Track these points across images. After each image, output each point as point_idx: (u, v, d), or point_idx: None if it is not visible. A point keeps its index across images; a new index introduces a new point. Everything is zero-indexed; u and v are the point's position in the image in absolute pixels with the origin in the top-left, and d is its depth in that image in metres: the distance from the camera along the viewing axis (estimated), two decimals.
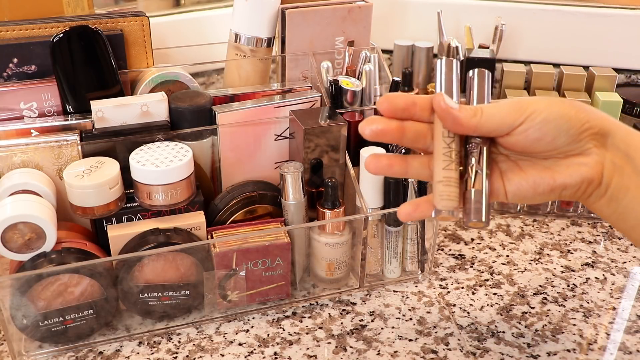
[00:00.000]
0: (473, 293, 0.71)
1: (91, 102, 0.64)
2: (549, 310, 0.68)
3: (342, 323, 0.66)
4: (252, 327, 0.66)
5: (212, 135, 0.68)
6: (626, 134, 0.49)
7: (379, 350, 0.63)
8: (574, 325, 0.66)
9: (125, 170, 0.62)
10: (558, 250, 0.79)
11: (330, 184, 0.66)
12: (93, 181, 0.59)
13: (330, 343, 0.64)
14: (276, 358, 0.62)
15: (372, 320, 0.67)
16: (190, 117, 0.66)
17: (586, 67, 0.87)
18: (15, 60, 0.65)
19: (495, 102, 0.49)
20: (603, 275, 0.74)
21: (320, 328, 0.66)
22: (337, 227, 0.68)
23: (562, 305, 0.69)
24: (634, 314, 0.68)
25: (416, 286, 0.72)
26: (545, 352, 0.63)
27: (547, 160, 0.50)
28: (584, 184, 0.49)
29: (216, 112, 0.67)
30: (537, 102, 0.48)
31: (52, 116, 0.66)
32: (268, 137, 0.71)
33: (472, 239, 0.81)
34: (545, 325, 0.66)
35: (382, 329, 0.65)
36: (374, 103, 0.74)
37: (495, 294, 0.71)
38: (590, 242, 0.81)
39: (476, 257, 0.77)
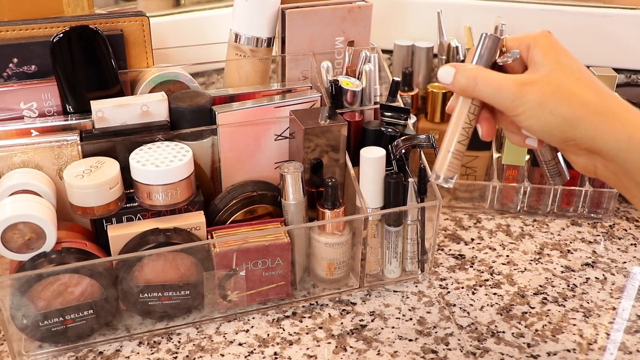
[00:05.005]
0: (473, 293, 0.71)
1: (91, 102, 0.64)
2: (549, 310, 0.68)
3: (342, 323, 0.66)
4: (252, 327, 0.66)
5: (212, 135, 0.68)
6: (627, 152, 0.46)
7: (379, 350, 0.63)
8: (574, 325, 0.66)
9: (125, 170, 0.62)
10: (558, 250, 0.79)
11: (330, 184, 0.66)
12: (93, 181, 0.59)
13: (330, 343, 0.64)
14: (276, 358, 0.62)
15: (372, 320, 0.67)
16: (190, 117, 0.66)
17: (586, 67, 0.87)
18: (15, 60, 0.65)
19: (497, 80, 0.49)
20: (603, 275, 0.74)
21: (320, 328, 0.66)
22: (337, 227, 0.68)
23: (562, 305, 0.69)
24: (634, 314, 0.68)
25: (416, 286, 0.72)
26: (545, 352, 0.63)
27: None
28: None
29: (216, 112, 0.67)
30: (529, 104, 0.47)
31: (52, 116, 0.66)
32: (268, 137, 0.71)
33: (472, 239, 0.81)
34: (545, 325, 0.66)
35: (382, 329, 0.65)
36: (374, 103, 0.74)
37: (495, 294, 0.71)
38: (590, 242, 0.81)
39: (476, 257, 0.77)
